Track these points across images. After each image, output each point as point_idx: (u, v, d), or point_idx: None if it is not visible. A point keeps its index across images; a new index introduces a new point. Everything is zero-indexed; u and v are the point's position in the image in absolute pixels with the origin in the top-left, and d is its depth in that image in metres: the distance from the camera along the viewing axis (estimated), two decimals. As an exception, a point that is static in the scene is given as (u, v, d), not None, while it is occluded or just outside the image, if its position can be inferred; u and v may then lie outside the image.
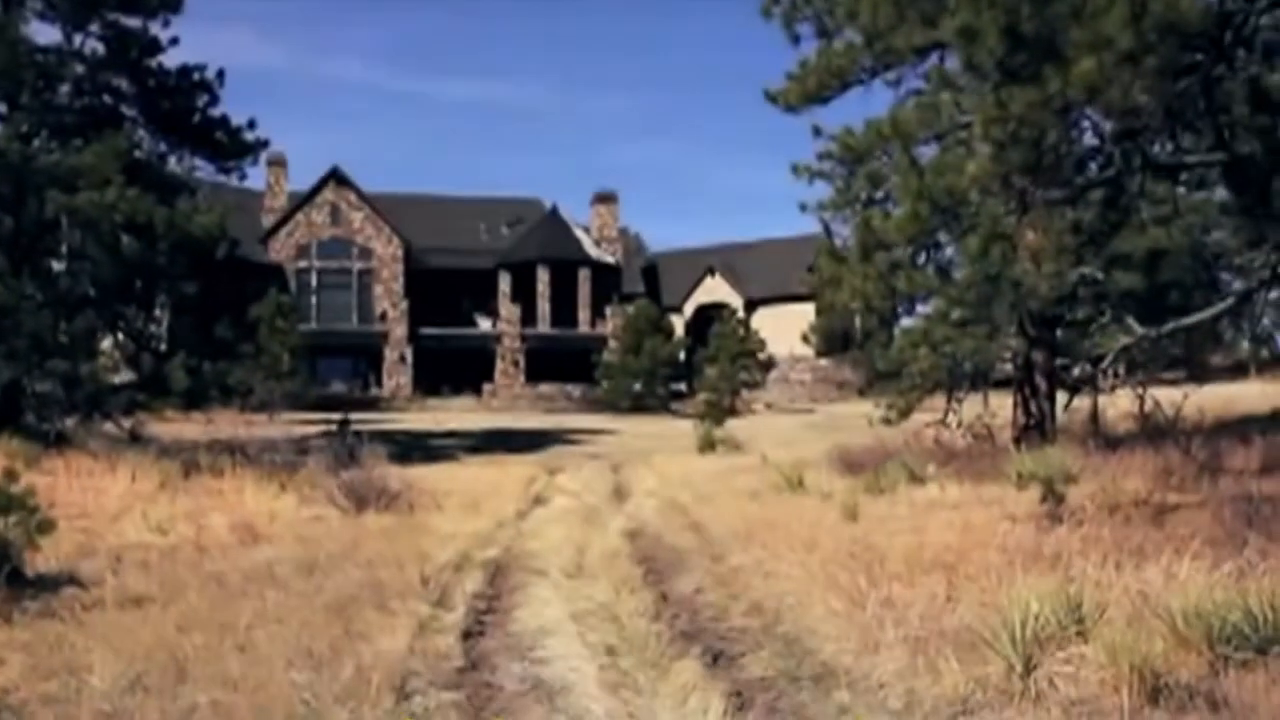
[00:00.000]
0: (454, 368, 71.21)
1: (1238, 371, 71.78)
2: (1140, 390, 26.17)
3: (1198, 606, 9.64)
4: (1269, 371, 68.52)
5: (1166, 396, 28.88)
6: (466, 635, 12.56)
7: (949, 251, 24.02)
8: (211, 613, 12.54)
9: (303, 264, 72.78)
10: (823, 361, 71.97)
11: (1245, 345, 65.99)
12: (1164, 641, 9.21)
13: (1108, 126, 18.11)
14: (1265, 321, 52.33)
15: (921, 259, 21.00)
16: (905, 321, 27.39)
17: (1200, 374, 66.87)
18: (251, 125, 36.21)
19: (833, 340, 37.01)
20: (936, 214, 15.12)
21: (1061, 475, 18.76)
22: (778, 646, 11.70)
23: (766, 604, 13.58)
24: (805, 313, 57.72)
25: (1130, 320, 16.61)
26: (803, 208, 24.67)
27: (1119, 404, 30.98)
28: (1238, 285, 21.68)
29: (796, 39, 23.72)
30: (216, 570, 15.49)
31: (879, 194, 20.23)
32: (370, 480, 24.36)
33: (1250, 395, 45.55)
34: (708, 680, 10.19)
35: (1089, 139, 18.50)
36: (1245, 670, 8.74)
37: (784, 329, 65.76)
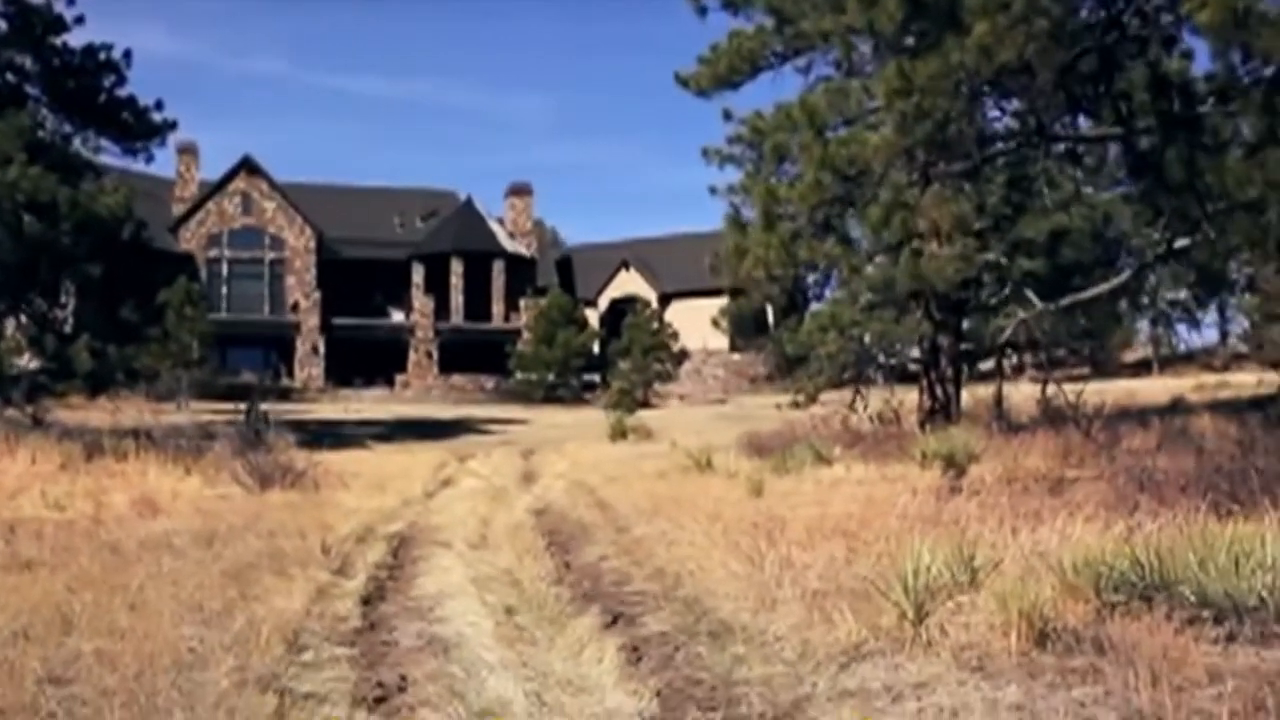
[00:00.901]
0: (366, 359, 70.72)
1: (1142, 369, 73.16)
2: (1043, 375, 26.48)
3: (1087, 558, 9.79)
4: (1172, 369, 69.84)
5: (1072, 390, 29.30)
6: (366, 601, 12.46)
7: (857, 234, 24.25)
8: (104, 576, 12.35)
9: (213, 253, 71.94)
10: (736, 355, 72.27)
11: (1144, 328, 67.14)
12: (1053, 590, 9.33)
13: (1011, 106, 18.38)
14: (1161, 305, 53.30)
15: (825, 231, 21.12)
16: (815, 307, 27.54)
17: (1106, 371, 68.19)
18: (159, 106, 35.72)
19: (744, 325, 37.12)
20: (839, 182, 15.21)
21: (964, 452, 19.00)
22: (677, 607, 11.72)
23: (668, 569, 13.60)
24: (719, 306, 57.81)
25: (1030, 294, 16.81)
26: (712, 190, 24.79)
27: (1024, 395, 31.42)
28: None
29: (703, 10, 23.74)
30: (112, 539, 15.27)
31: (785, 167, 20.31)
32: (276, 461, 24.15)
33: (1153, 389, 46.40)
34: (604, 636, 10.20)
35: (994, 125, 18.66)
36: (1131, 616, 8.87)
37: (698, 323, 65.86)
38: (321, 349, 71.54)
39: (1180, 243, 15.01)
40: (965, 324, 26.93)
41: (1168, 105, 15.26)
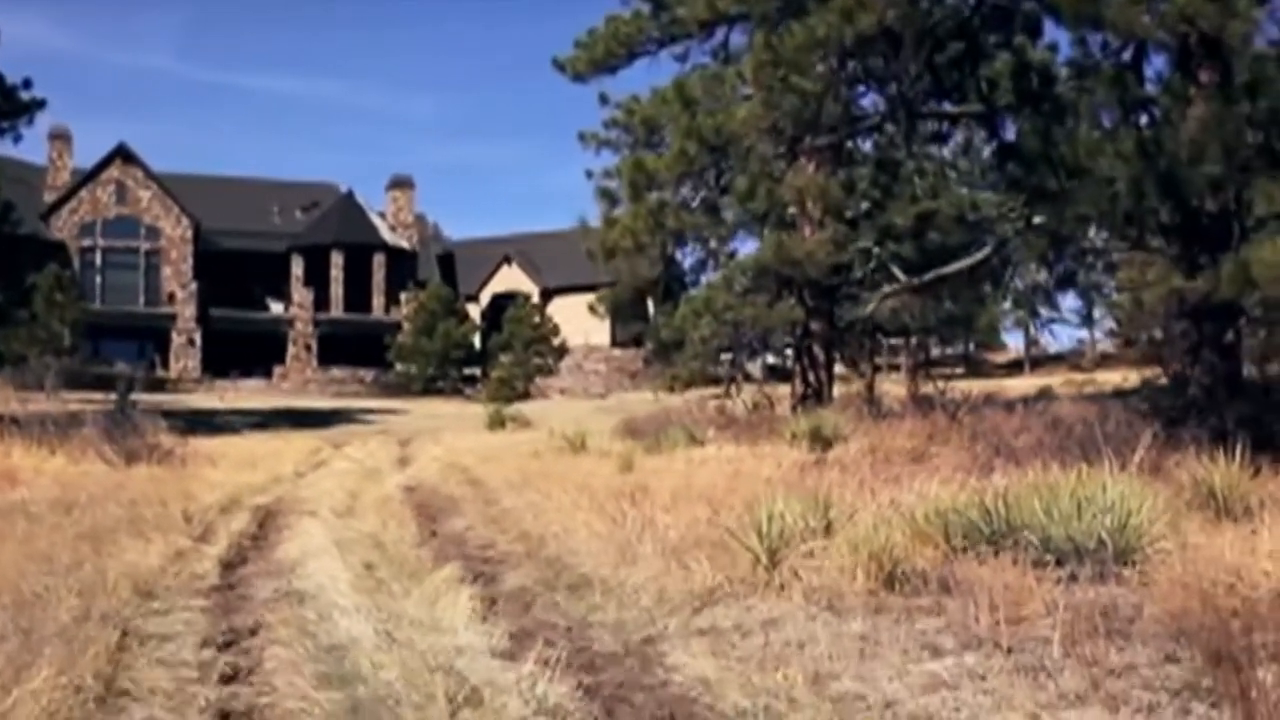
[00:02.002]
0: (244, 351, 69.74)
1: (1014, 369, 74.61)
2: (913, 360, 26.90)
3: (938, 508, 10.01)
4: (1043, 369, 71.28)
5: (945, 385, 29.78)
6: (227, 564, 12.33)
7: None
8: (-47, 536, 12.10)
9: (87, 242, 70.50)
10: (617, 351, 72.42)
11: (1014, 323, 68.38)
12: (904, 537, 9.52)
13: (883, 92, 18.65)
14: (1022, 287, 54.25)
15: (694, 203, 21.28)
16: (689, 293, 27.69)
17: (980, 372, 69.41)
18: (27, 85, 34.95)
19: (622, 312, 37.17)
20: (706, 153, 15.34)
21: (832, 429, 19.25)
22: (539, 564, 11.77)
23: (533, 533, 13.64)
24: (599, 295, 57.86)
25: (895, 269, 17.08)
26: (589, 175, 24.79)
27: (897, 391, 31.89)
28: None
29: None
30: (-34, 507, 14.94)
31: (654, 140, 20.45)
32: (144, 441, 23.76)
33: (1023, 385, 47.37)
34: (463, 588, 10.17)
35: (862, 104, 18.91)
36: (978, 560, 9.08)
37: (580, 318, 65.85)
38: (198, 341, 70.45)
39: (1037, 219, 15.38)
40: (837, 310, 27.23)
41: (1027, 84, 15.61)
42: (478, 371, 69.20)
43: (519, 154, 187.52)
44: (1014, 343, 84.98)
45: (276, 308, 74.68)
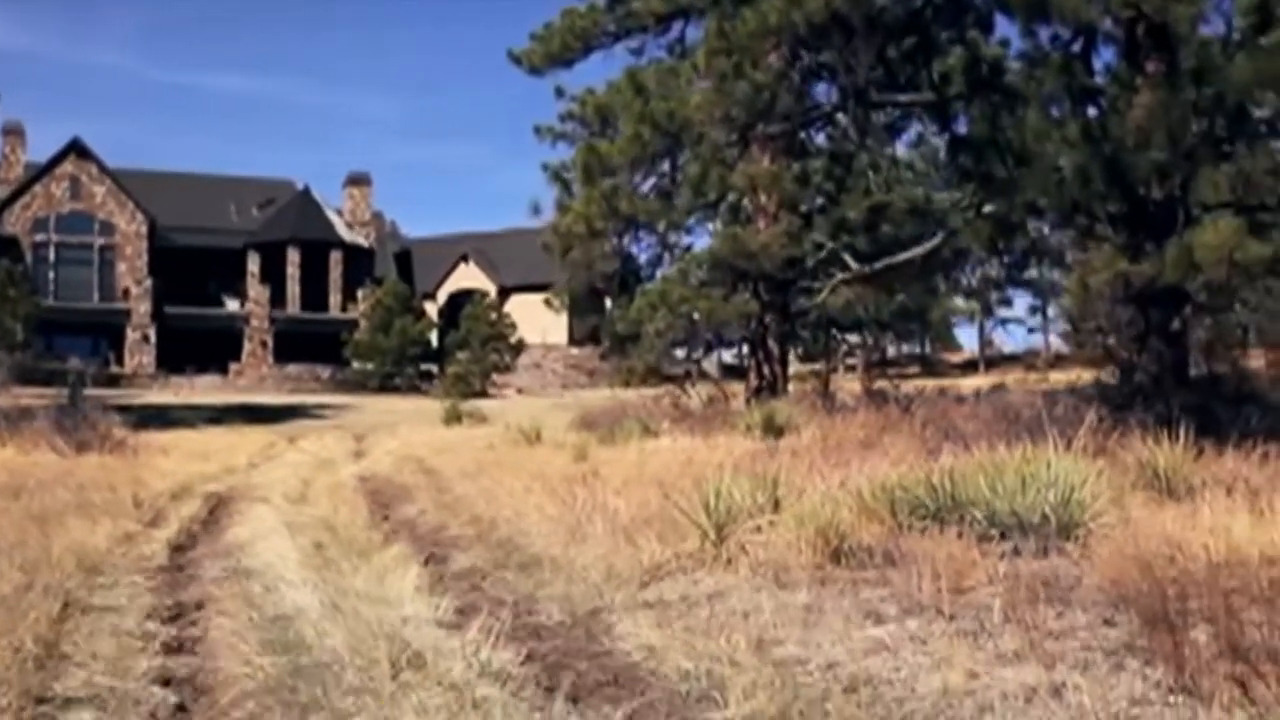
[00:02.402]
0: (200, 347, 69.27)
1: (969, 368, 75.01)
2: (867, 353, 27.03)
3: (885, 485, 10.08)
4: (998, 369, 71.69)
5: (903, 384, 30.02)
6: (176, 548, 12.30)
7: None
8: (-102, 517, 12.02)
9: (40, 237, 69.90)
10: (575, 350, 72.38)
11: (970, 324, 68.81)
12: (850, 513, 9.58)
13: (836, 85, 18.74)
14: (973, 281, 54.65)
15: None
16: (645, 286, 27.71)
17: (935, 372, 69.76)
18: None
19: (578, 306, 37.16)
20: (659, 138, 15.38)
21: (785, 419, 19.32)
22: (489, 546, 11.79)
23: (484, 517, 13.65)
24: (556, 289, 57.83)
25: (847, 257, 17.17)
26: (544, 167, 24.80)
27: (852, 389, 32.04)
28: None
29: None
30: (-87, 493, 14.83)
31: (608, 129, 20.48)
32: (96, 431, 23.63)
33: (977, 383, 47.65)
34: (412, 566, 10.19)
35: (816, 94, 19.00)
36: (923, 534, 9.15)
37: (537, 317, 65.78)
38: (153, 337, 69.96)
39: (988, 208, 15.52)
40: (791, 304, 27.33)
41: (978, 73, 15.74)
42: (435, 369, 69.00)
43: (477, 154, 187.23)
44: (969, 344, 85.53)
45: (232, 304, 74.27)
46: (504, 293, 75.32)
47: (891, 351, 74.40)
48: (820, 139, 23.90)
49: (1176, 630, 6.08)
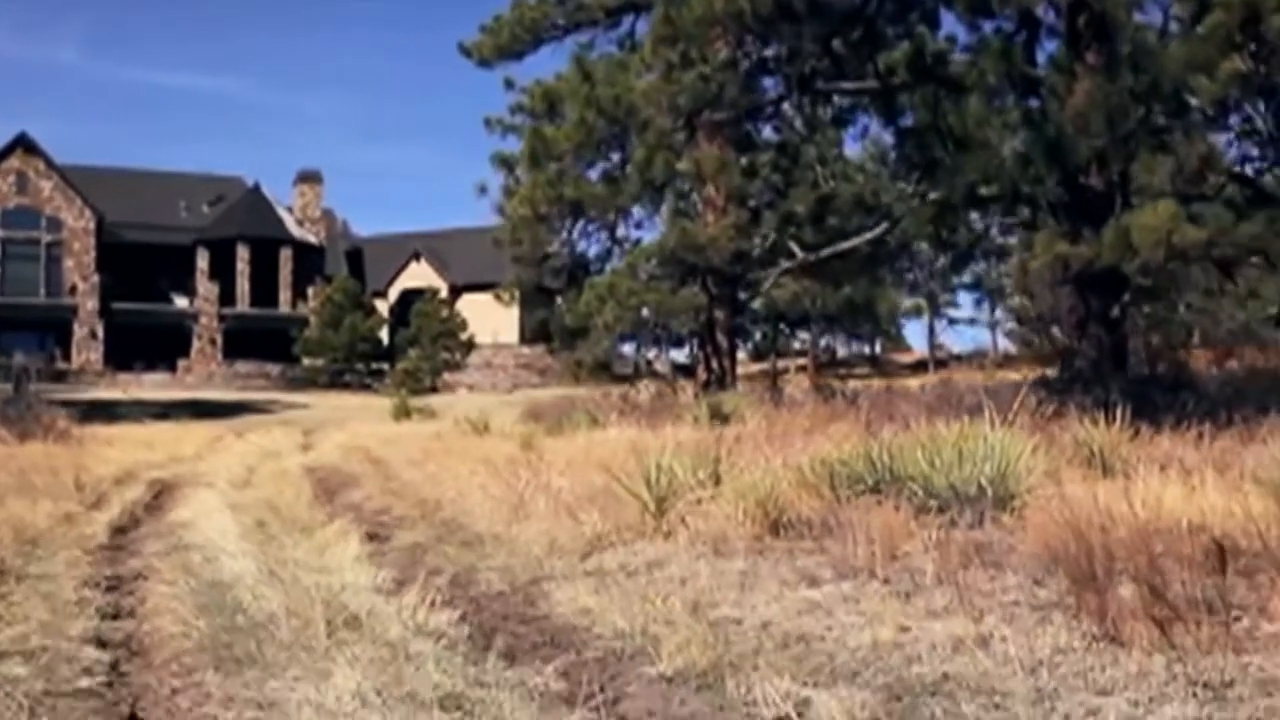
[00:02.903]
0: (148, 344, 68.71)
1: (919, 368, 75.40)
2: (815, 355, 27.16)
3: (824, 460, 10.17)
4: (947, 370, 72.11)
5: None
6: (118, 529, 12.23)
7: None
8: None
9: (-15, 233, 69.24)
10: (526, 349, 72.27)
11: (907, 305, 69.01)
12: (790, 487, 9.67)
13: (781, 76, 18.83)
14: (919, 276, 54.95)
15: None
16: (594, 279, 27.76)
17: (886, 372, 70.09)
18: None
19: (529, 299, 37.18)
20: (606, 124, 15.43)
21: (732, 408, 19.41)
22: (433, 525, 11.82)
23: (429, 499, 13.68)
24: (507, 282, 57.70)
25: (793, 245, 17.27)
26: (494, 158, 24.79)
27: (801, 386, 32.22)
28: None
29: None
30: None
31: (555, 117, 20.50)
32: (40, 421, 23.45)
33: (925, 381, 47.95)
34: (353, 540, 10.18)
35: (763, 83, 19.09)
36: (860, 507, 9.22)
37: (489, 316, 65.71)
38: (100, 334, 69.39)
39: (932, 195, 15.65)
40: (740, 298, 27.46)
41: (922, 62, 15.87)
42: (385, 367, 68.78)
43: (429, 154, 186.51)
44: (920, 344, 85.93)
45: (181, 301, 73.76)
46: (455, 291, 75.13)
47: (842, 352, 74.80)
48: (768, 132, 24.04)
49: (1102, 587, 6.18)
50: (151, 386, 62.43)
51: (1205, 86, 12.00)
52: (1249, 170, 16.67)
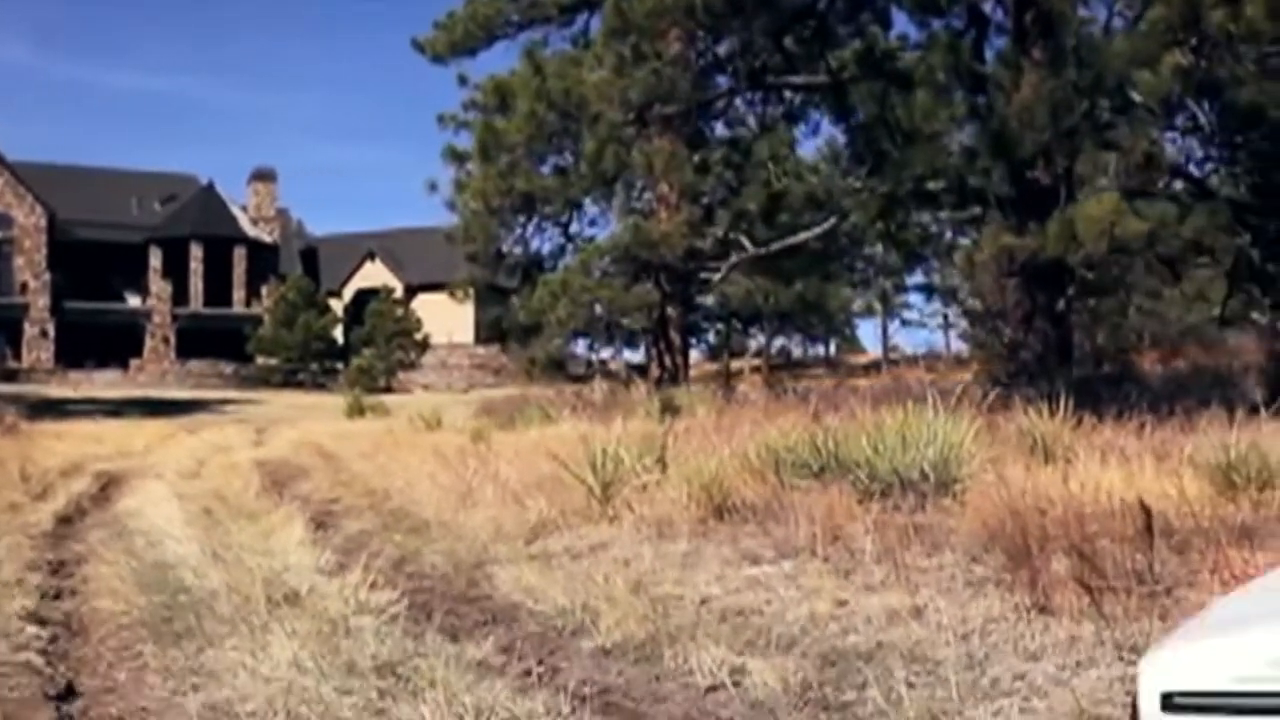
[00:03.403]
0: (101, 343, 68.05)
1: (873, 369, 75.66)
2: (768, 355, 27.27)
3: (769, 446, 10.24)
4: (901, 370, 72.38)
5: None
6: (64, 519, 12.16)
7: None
8: None
9: (-67, 231, 68.43)
10: (481, 349, 72.04)
11: (858, 308, 69.16)
12: (735, 472, 9.73)
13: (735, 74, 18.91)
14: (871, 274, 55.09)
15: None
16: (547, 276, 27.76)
17: (840, 372, 70.29)
18: None
19: (482, 298, 37.15)
20: (557, 117, 15.45)
21: (684, 402, 19.48)
22: (381, 514, 11.83)
23: (379, 489, 13.68)
24: (462, 279, 57.44)
25: (741, 238, 17.34)
26: (445, 152, 24.76)
27: (754, 385, 32.34)
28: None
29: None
30: None
31: (506, 111, 20.49)
32: (-14, 416, 23.26)
33: (878, 380, 48.17)
34: (297, 524, 10.18)
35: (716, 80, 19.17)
36: (806, 492, 9.30)
37: (444, 316, 65.46)
38: (52, 332, 68.67)
39: (880, 189, 15.74)
40: (693, 296, 27.55)
41: (871, 57, 15.98)
42: (340, 366, 68.44)
43: (385, 154, 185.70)
44: (874, 346, 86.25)
45: (134, 300, 73.12)
46: (410, 291, 74.82)
47: (797, 353, 75.00)
48: (720, 129, 24.13)
49: (1036, 561, 6.27)
50: (103, 385, 61.89)
51: (1148, 81, 12.16)
52: (1194, 168, 16.88)
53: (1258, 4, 11.08)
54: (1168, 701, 2.11)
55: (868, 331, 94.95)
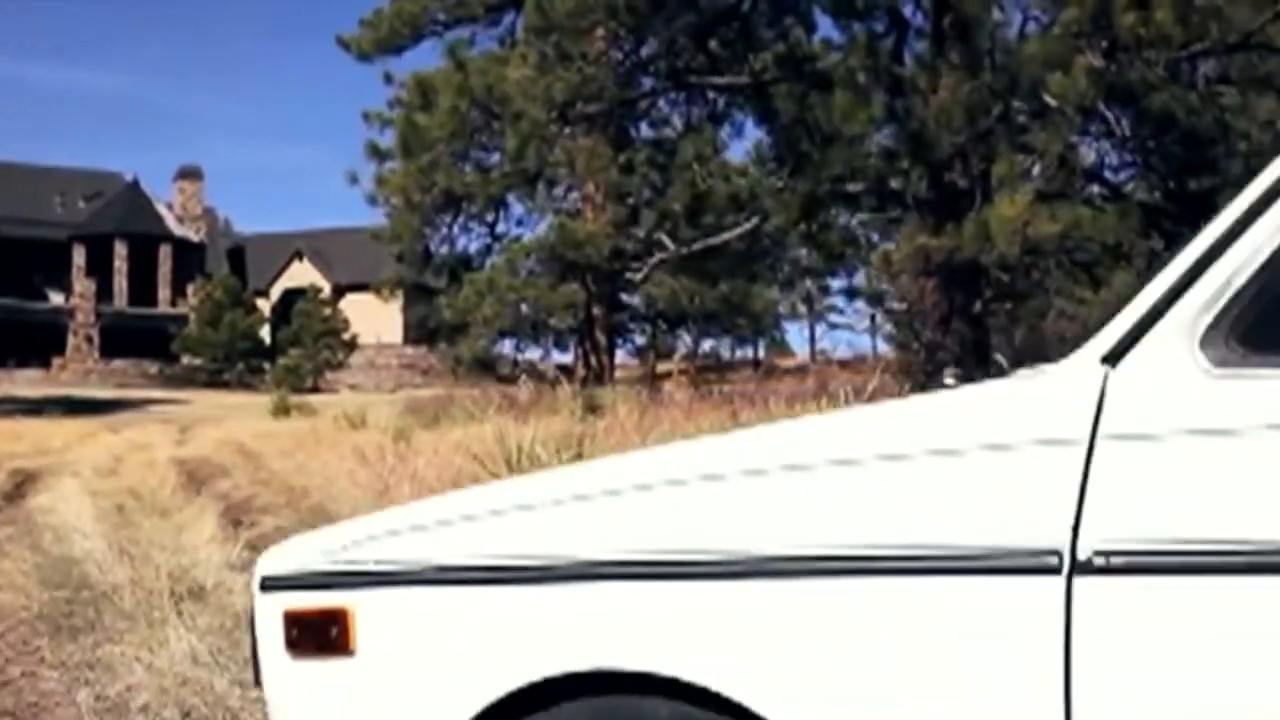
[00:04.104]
0: (21, 341, 67.16)
1: (801, 372, 76.09)
2: (694, 358, 27.41)
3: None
4: (832, 371, 72.86)
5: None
6: (-28, 518, 12.00)
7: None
8: None
9: None
10: (409, 350, 71.79)
11: (784, 310, 69.55)
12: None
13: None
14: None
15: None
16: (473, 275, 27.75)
17: (769, 376, 70.72)
18: None
19: (411, 300, 37.08)
20: (479, 113, 15.46)
21: (606, 400, 19.55)
22: (299, 511, 11.78)
23: (298, 487, 13.63)
24: (388, 279, 57.20)
25: (664, 237, 17.45)
26: (367, 148, 24.64)
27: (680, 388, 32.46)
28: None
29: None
30: None
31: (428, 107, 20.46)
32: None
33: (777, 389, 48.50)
34: (210, 524, 10.13)
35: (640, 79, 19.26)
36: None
37: (373, 316, 65.18)
38: (-31, 331, 67.79)
39: (800, 188, 15.88)
40: (619, 296, 27.64)
41: (791, 57, 16.11)
42: (266, 365, 67.98)
43: (313, 154, 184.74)
44: (802, 350, 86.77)
45: (57, 298, 72.26)
46: (339, 291, 74.37)
47: (726, 355, 75.28)
48: (646, 130, 24.22)
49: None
50: (24, 384, 61.08)
51: (1060, 83, 12.35)
52: (1110, 174, 17.18)
53: (1166, 8, 11.29)
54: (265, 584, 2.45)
55: (796, 335, 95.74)
